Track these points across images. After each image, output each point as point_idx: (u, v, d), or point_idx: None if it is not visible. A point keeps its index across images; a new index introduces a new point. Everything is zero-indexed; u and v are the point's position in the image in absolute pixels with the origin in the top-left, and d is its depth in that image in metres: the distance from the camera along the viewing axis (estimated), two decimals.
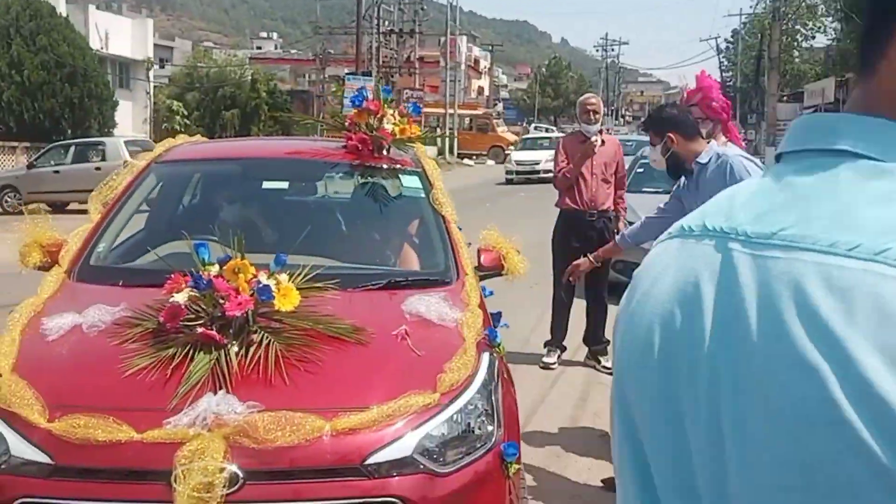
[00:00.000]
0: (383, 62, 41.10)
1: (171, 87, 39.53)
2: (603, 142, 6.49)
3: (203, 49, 47.38)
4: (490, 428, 2.86)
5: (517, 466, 2.90)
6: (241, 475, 2.48)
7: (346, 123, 4.40)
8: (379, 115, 4.26)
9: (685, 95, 5.04)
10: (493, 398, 2.95)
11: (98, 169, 19.33)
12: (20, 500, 2.51)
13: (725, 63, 66.06)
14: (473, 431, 2.81)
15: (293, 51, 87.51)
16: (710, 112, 4.91)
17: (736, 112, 61.45)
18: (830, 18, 48.43)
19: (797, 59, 53.18)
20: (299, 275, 3.08)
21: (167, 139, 4.54)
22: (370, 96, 4.32)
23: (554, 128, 68.65)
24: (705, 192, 4.03)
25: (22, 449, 2.57)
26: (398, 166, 4.17)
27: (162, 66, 43.40)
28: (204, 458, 2.47)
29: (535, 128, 64.90)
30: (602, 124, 6.61)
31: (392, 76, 42.89)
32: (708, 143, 4.15)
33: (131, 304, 3.07)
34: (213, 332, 2.80)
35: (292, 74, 76.41)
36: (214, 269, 2.96)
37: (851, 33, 26.43)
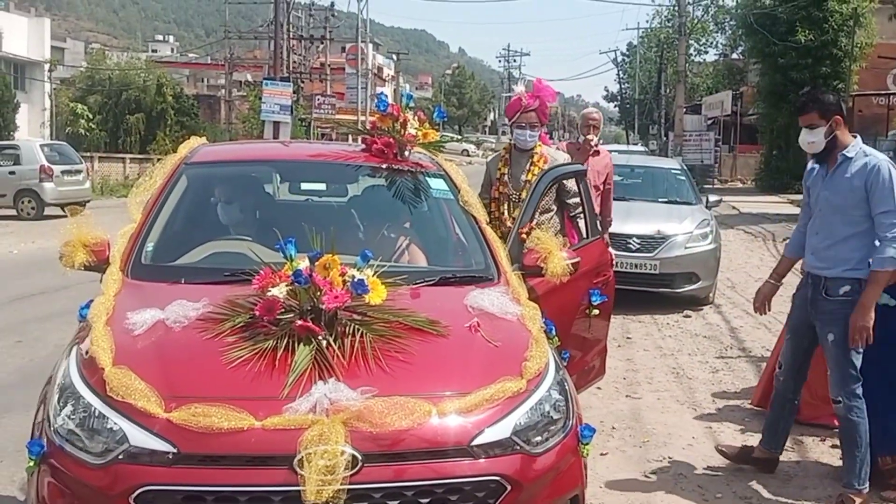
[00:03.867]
0: (293, 68, 40.74)
1: (72, 90, 38.13)
2: (598, 152, 6.97)
3: (103, 51, 45.88)
4: (565, 412, 3.08)
5: (590, 447, 3.13)
6: (359, 458, 2.61)
7: (369, 127, 4.55)
8: (401, 121, 4.42)
9: (525, 102, 5.21)
10: (564, 385, 3.17)
11: (12, 174, 18.60)
12: (143, 489, 2.58)
13: (623, 75, 68.30)
14: (551, 416, 3.01)
15: (191, 55, 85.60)
16: (543, 118, 5.31)
17: (634, 122, 63.70)
18: (720, 34, 50.98)
19: (691, 73, 55.58)
20: (377, 272, 3.22)
21: (187, 141, 4.58)
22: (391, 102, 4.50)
23: (460, 136, 69.44)
24: (840, 185, 4.14)
25: (141, 438, 2.63)
26: (424, 169, 4.33)
27: (53, 68, 41.87)
28: (326, 443, 2.59)
29: (441, 136, 65.37)
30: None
31: (301, 82, 42.62)
32: (854, 137, 4.25)
33: (212, 300, 3.15)
34: (312, 324, 2.92)
35: (192, 78, 74.83)
36: (304, 264, 3.07)
37: (752, 49, 27.89)
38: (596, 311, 4.71)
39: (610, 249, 5.86)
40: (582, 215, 5.31)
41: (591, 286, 4.72)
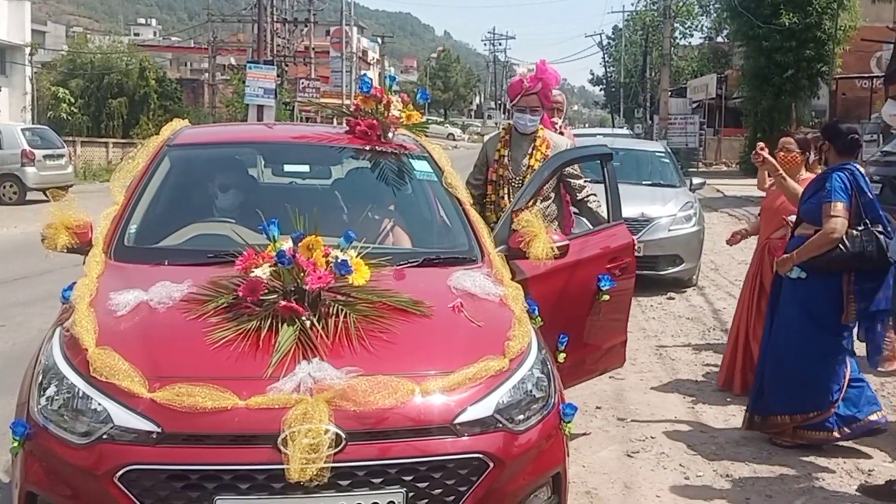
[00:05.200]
0: (277, 52, 40.44)
1: (54, 73, 37.71)
2: (562, 133, 6.87)
3: (85, 34, 45.39)
4: (547, 391, 3.11)
5: (572, 425, 3.16)
6: (343, 436, 2.64)
7: (352, 109, 4.55)
8: (385, 102, 4.41)
9: (527, 85, 5.06)
10: (547, 364, 3.20)
11: None
12: (127, 468, 2.59)
13: (608, 59, 68.27)
14: (533, 395, 3.04)
15: (174, 38, 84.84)
16: (546, 102, 5.15)
17: (620, 106, 63.74)
18: (705, 17, 51.07)
19: (676, 57, 55.64)
20: (360, 253, 3.23)
21: (170, 123, 4.56)
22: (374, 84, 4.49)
23: (444, 120, 69.25)
24: None
25: (125, 418, 2.65)
26: (408, 151, 4.33)
27: (34, 52, 41.38)
28: (310, 422, 2.61)
29: (427, 120, 65.26)
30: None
31: (285, 65, 42.30)
32: None
33: (196, 281, 3.15)
34: (296, 305, 2.94)
35: (174, 62, 74.20)
36: (287, 245, 3.08)
37: (737, 32, 27.99)
38: (606, 297, 4.46)
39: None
40: (592, 199, 5.13)
41: (603, 271, 4.48)
